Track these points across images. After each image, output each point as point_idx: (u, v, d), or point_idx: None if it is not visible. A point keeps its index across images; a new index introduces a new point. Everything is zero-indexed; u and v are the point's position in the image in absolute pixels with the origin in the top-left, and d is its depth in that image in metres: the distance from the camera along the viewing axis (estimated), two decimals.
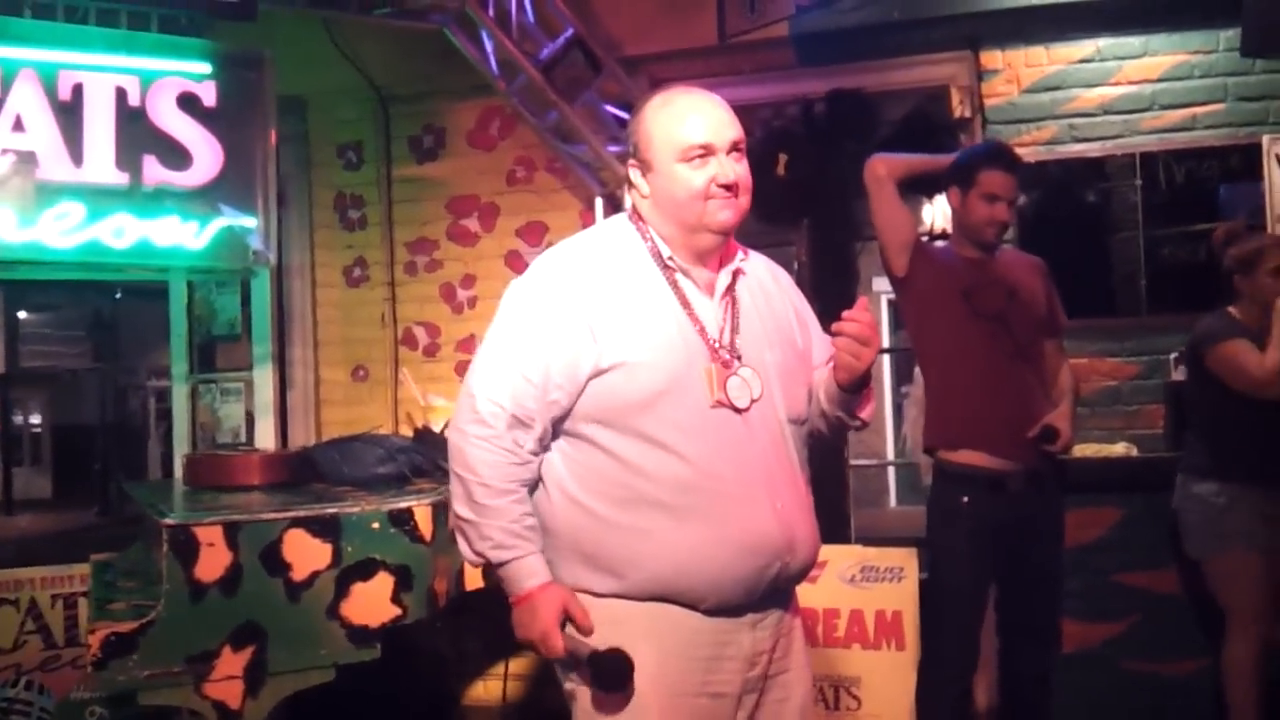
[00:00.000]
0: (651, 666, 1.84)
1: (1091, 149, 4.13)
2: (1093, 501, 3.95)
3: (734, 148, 1.90)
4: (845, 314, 1.85)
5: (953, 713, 3.22)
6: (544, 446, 1.90)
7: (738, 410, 1.86)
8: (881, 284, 6.90)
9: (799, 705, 2.00)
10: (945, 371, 3.25)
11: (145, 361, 18.80)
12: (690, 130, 1.88)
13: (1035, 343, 3.23)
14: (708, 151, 1.87)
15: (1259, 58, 3.60)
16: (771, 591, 1.90)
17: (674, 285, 1.91)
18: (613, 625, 1.85)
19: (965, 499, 3.14)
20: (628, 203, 2.32)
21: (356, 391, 4.96)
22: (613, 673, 1.82)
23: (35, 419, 23.37)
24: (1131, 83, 4.12)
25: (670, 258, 1.92)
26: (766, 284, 2.04)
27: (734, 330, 1.93)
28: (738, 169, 1.90)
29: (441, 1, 3.98)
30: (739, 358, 1.90)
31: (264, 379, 4.52)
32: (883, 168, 3.27)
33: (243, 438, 4.58)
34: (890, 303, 8.01)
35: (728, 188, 1.88)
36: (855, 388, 1.93)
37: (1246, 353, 3.25)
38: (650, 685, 1.85)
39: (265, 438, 4.50)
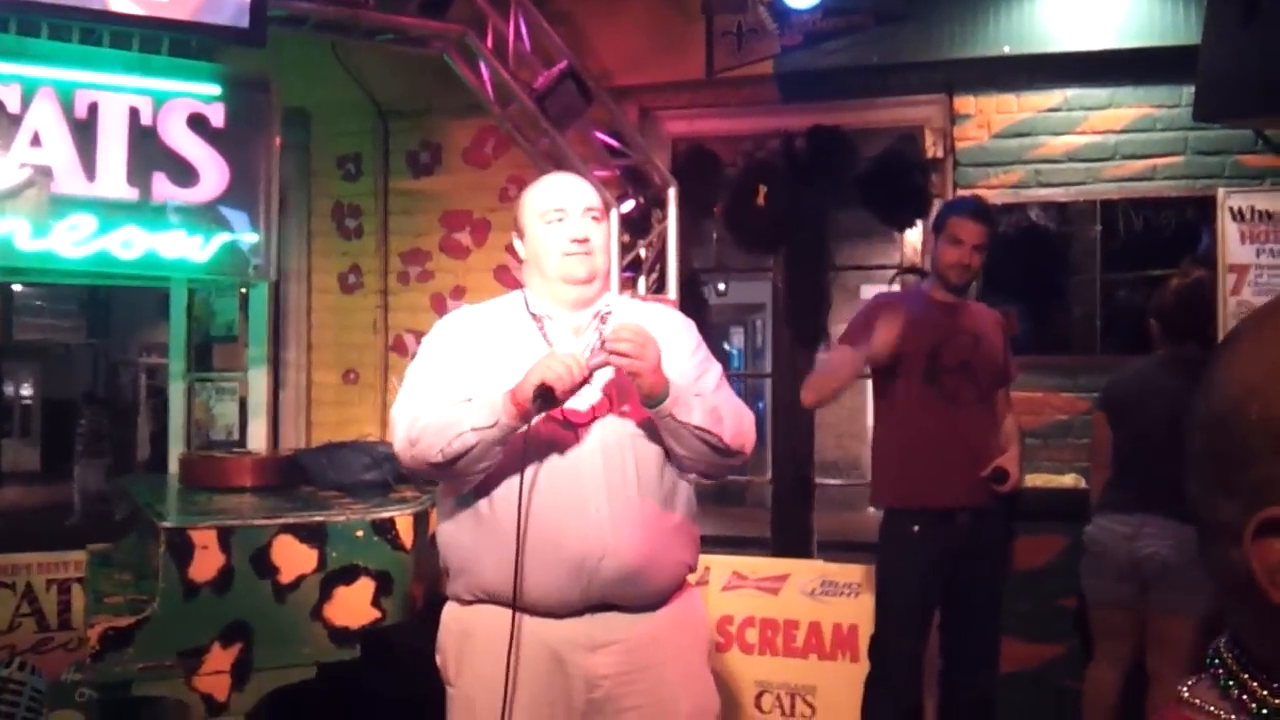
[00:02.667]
0: (485, 670, 2.10)
1: (1055, 194, 4.32)
2: (1042, 529, 4.17)
3: (588, 212, 2.21)
4: (608, 336, 2.05)
5: None
6: None
7: (574, 422, 2.11)
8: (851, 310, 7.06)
9: None
10: (902, 428, 3.44)
11: (137, 338, 18.87)
12: (549, 196, 2.24)
13: (993, 389, 3.47)
14: (563, 213, 2.19)
15: (1210, 122, 3.78)
16: (599, 600, 2.09)
17: (541, 330, 2.21)
18: (452, 630, 2.21)
19: (915, 528, 3.37)
20: None
21: (347, 394, 5.14)
22: None
23: (26, 391, 23.45)
24: (1096, 132, 4.30)
25: (535, 311, 2.22)
26: (646, 322, 2.21)
27: (591, 357, 2.14)
28: (590, 228, 2.20)
29: (443, 30, 4.15)
30: (589, 380, 2.11)
31: (258, 380, 4.69)
32: (811, 398, 3.51)
33: (236, 435, 4.75)
34: None
35: (580, 241, 2.17)
36: (653, 403, 2.08)
37: None
38: (481, 687, 2.10)
39: (257, 437, 4.67)
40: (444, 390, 2.14)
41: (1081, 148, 4.31)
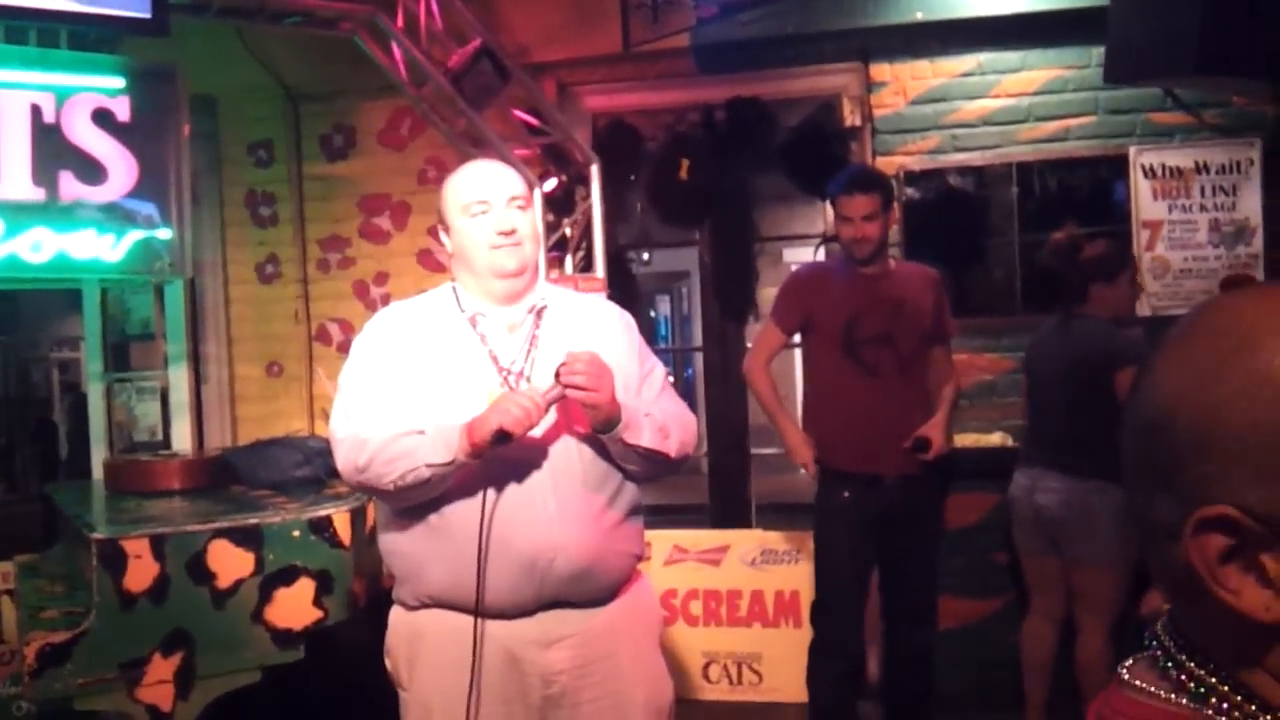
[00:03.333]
0: (439, 672, 2.10)
1: (972, 158, 4.39)
2: (972, 487, 4.24)
3: (513, 201, 2.16)
4: (560, 370, 2.00)
5: (839, 689, 3.50)
6: None
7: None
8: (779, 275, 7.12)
9: None
10: (825, 399, 3.52)
11: (48, 332, 18.27)
12: (471, 188, 2.17)
13: (920, 354, 3.49)
14: (486, 205, 2.14)
15: (1120, 84, 3.87)
16: (551, 598, 2.09)
17: (474, 326, 2.16)
18: (401, 634, 2.18)
19: (846, 494, 3.43)
20: None
21: (271, 388, 5.04)
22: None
23: None
24: (1009, 96, 4.37)
25: (465, 306, 2.18)
26: (584, 320, 2.25)
27: (527, 357, 2.15)
28: (516, 219, 2.15)
29: (351, 10, 4.05)
30: (528, 379, 2.12)
31: (179, 379, 4.58)
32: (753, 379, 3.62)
33: (159, 435, 4.64)
34: None
35: (506, 234, 2.12)
36: (605, 429, 2.07)
37: None
38: (436, 688, 2.11)
39: (182, 437, 4.57)
40: (383, 404, 2.09)
41: (996, 111, 4.38)
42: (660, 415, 2.15)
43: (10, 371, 19.80)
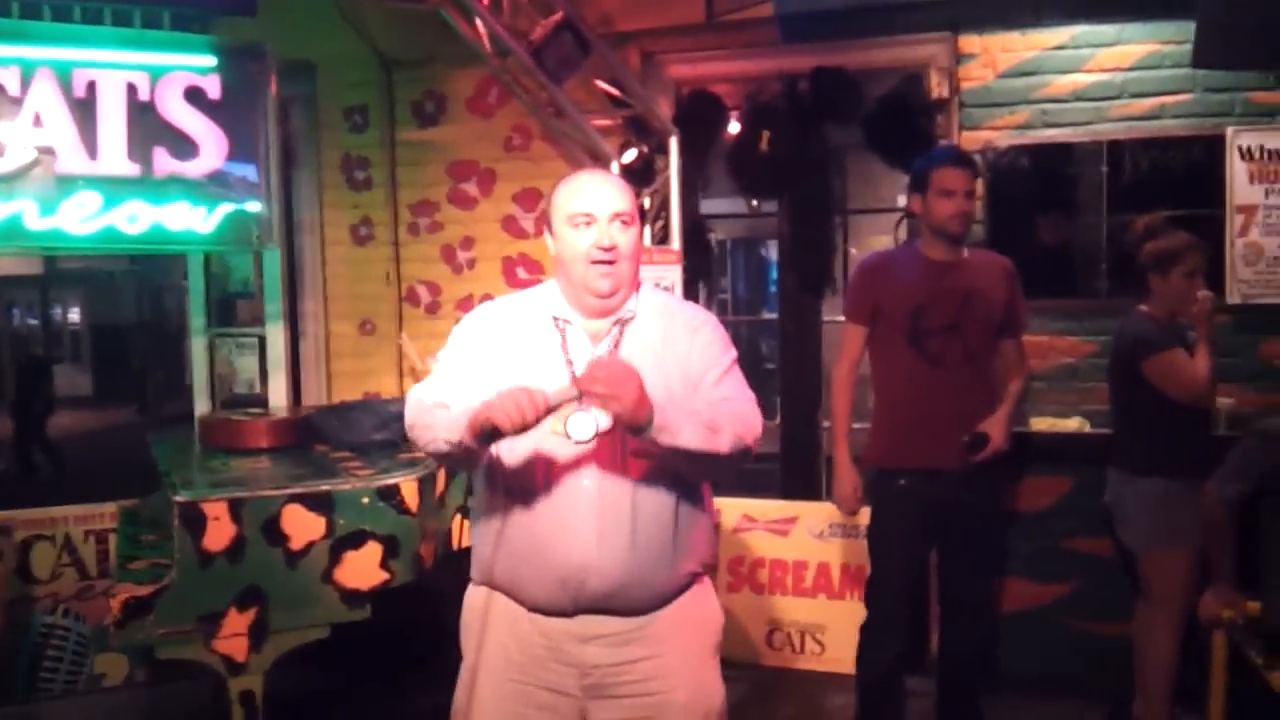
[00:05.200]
0: (493, 651, 2.25)
1: (1062, 134, 4.25)
2: (1046, 471, 4.22)
3: (617, 217, 2.17)
4: (580, 378, 2.00)
5: (887, 670, 3.53)
6: None
7: (577, 442, 2.07)
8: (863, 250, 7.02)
9: None
10: (888, 392, 3.51)
11: (179, 264, 19.11)
12: (577, 199, 2.18)
13: (988, 345, 3.45)
14: (590, 219, 2.16)
15: (1209, 69, 3.69)
16: (589, 607, 2.16)
17: (561, 334, 2.22)
18: (474, 609, 2.30)
19: (902, 481, 3.43)
20: None
21: (364, 345, 5.22)
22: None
23: (74, 317, 23.95)
24: (1103, 70, 4.21)
25: (557, 314, 2.23)
26: (663, 331, 2.25)
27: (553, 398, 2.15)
28: (618, 236, 2.17)
29: None
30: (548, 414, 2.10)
31: (275, 335, 4.78)
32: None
33: (257, 389, 4.87)
34: None
35: (606, 249, 2.15)
36: (637, 432, 2.03)
37: (1185, 363, 3.30)
38: (487, 666, 2.24)
39: (278, 390, 4.79)
40: (455, 386, 2.18)
41: (1088, 86, 4.23)
42: (710, 411, 2.11)
43: (143, 299, 20.85)
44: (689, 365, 2.21)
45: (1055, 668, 4.15)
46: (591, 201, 2.17)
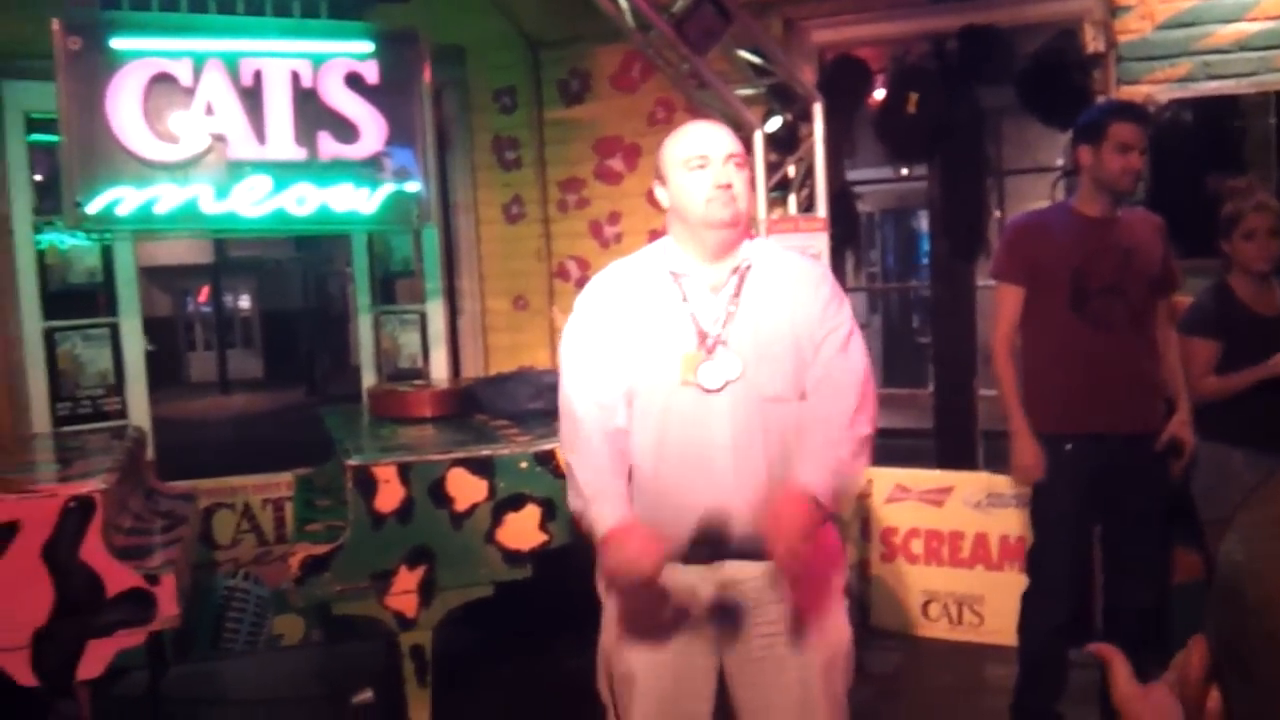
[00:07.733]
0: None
1: (1226, 86, 4.04)
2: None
3: (730, 158, 2.26)
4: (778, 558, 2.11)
5: (1050, 640, 3.45)
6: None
7: (707, 390, 2.20)
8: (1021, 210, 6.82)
9: (797, 678, 2.28)
10: (1048, 357, 3.37)
11: (342, 250, 19.91)
12: (692, 144, 2.27)
13: (1150, 304, 3.35)
14: (705, 160, 2.24)
15: None
16: (726, 554, 2.24)
17: (678, 284, 2.28)
18: None
19: (1069, 447, 3.34)
20: None
21: (518, 320, 5.38)
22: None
23: (244, 304, 25.23)
24: (1269, 18, 3.97)
25: (673, 264, 2.30)
26: (783, 280, 2.30)
27: (727, 321, 2.24)
28: (734, 175, 2.25)
29: None
30: (724, 344, 2.22)
31: (435, 312, 4.99)
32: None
33: (419, 364, 5.09)
34: None
35: (723, 187, 2.22)
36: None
37: (1199, 357, 3.36)
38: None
39: (439, 364, 5.00)
40: (592, 370, 2.29)
41: (1254, 35, 4.00)
42: (828, 455, 2.18)
43: (309, 285, 21.78)
44: (811, 321, 2.26)
45: None
46: (706, 144, 2.26)
